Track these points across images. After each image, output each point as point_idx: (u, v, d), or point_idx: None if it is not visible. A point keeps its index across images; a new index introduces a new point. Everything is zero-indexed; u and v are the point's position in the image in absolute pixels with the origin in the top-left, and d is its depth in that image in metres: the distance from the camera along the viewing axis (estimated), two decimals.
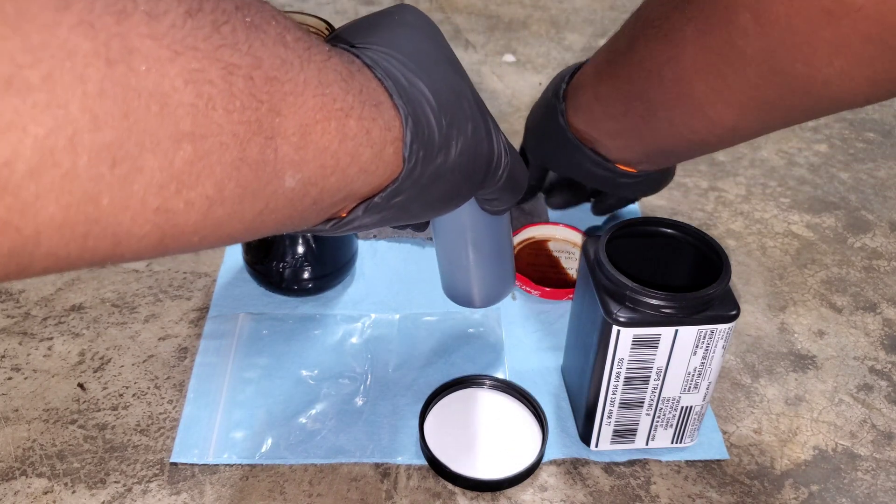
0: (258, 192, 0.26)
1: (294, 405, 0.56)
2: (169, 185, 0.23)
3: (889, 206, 0.78)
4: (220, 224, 0.26)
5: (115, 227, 0.23)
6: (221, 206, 0.25)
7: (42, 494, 0.50)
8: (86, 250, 0.23)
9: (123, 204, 0.22)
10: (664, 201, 0.77)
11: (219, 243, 0.28)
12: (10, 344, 0.59)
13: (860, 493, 0.52)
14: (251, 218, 0.27)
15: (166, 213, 0.24)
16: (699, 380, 0.50)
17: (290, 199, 0.28)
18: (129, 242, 0.24)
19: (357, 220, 0.34)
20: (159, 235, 0.24)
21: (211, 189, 0.24)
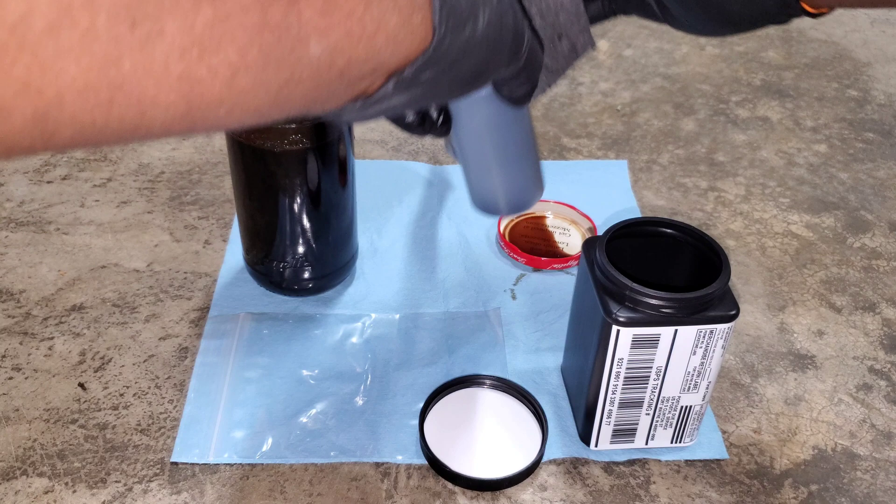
0: (283, 59, 0.26)
1: (294, 405, 0.56)
2: (191, 49, 0.23)
3: (888, 207, 0.78)
4: (245, 94, 0.26)
5: (139, 93, 0.23)
6: (245, 73, 0.25)
7: (43, 494, 0.50)
8: (111, 118, 0.23)
9: (146, 69, 0.22)
10: (664, 201, 0.77)
11: (245, 117, 0.27)
12: (10, 344, 0.60)
13: (859, 493, 0.52)
14: (277, 88, 0.27)
15: (190, 80, 0.24)
16: (699, 379, 0.50)
17: (317, 69, 0.27)
18: (154, 112, 0.24)
19: (386, 99, 0.32)
20: (185, 105, 0.24)
21: (234, 55, 0.24)
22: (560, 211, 0.73)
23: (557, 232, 0.71)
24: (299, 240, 0.60)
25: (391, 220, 0.73)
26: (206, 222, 0.72)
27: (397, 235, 0.71)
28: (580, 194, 0.76)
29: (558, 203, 0.73)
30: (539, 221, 0.73)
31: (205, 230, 0.71)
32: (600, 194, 0.76)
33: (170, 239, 0.70)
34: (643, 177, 0.80)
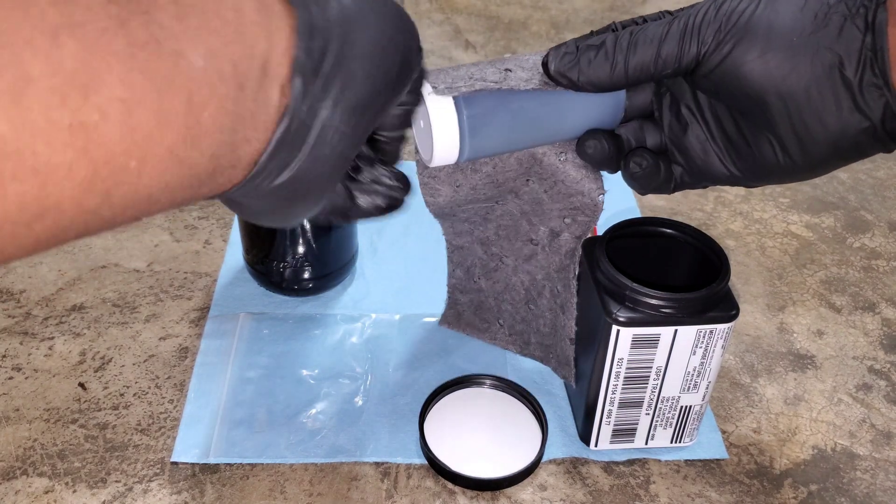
0: (170, 81, 0.23)
1: (294, 405, 0.56)
2: (69, 90, 0.21)
3: (888, 207, 0.78)
4: (149, 136, 0.23)
5: (31, 159, 0.20)
6: (139, 107, 0.23)
7: (43, 494, 0.50)
8: (8, 200, 0.21)
9: (27, 124, 0.20)
10: (664, 201, 0.77)
11: (165, 172, 0.24)
12: (11, 344, 0.60)
13: (859, 493, 0.52)
14: (182, 122, 0.24)
15: (83, 129, 0.21)
16: (698, 379, 0.50)
17: (210, 85, 0.25)
18: (56, 180, 0.21)
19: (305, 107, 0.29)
20: (89, 165, 0.22)
21: (118, 87, 0.22)
22: None
23: None
24: (299, 240, 0.60)
25: (391, 220, 0.73)
26: (207, 222, 0.72)
27: (397, 235, 0.71)
28: None
29: None
30: None
31: (205, 230, 0.71)
32: None
33: (170, 239, 0.70)
34: None
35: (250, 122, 0.27)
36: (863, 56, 0.36)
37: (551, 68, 0.40)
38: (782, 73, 0.37)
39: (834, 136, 0.37)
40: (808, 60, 0.36)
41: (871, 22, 0.36)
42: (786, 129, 0.38)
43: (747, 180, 0.42)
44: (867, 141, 0.37)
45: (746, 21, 0.37)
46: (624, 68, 0.39)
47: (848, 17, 0.36)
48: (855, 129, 0.37)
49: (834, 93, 0.37)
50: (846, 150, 0.38)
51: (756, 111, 0.38)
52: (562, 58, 0.40)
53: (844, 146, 0.38)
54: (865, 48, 0.36)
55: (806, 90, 0.37)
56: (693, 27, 0.38)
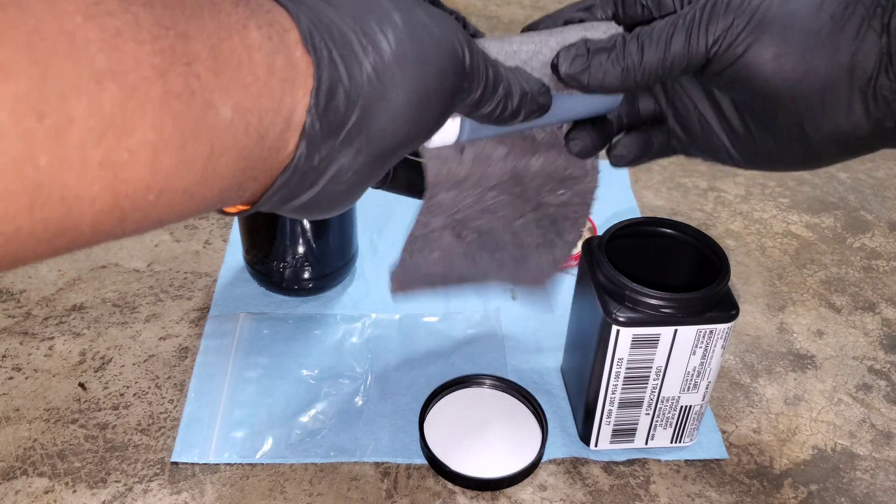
0: (198, 129, 0.25)
1: (294, 405, 0.56)
2: (106, 132, 0.22)
3: (888, 207, 0.78)
4: (170, 176, 0.25)
5: (61, 190, 0.22)
6: (166, 151, 0.24)
7: (43, 494, 0.50)
8: (35, 222, 0.22)
9: (64, 161, 0.22)
10: (663, 201, 0.77)
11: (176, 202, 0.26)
12: (11, 344, 0.60)
13: (859, 493, 0.52)
14: (202, 164, 0.26)
15: (112, 167, 0.23)
16: (698, 379, 0.50)
17: (234, 135, 0.27)
18: (80, 208, 0.23)
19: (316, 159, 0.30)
20: (111, 197, 0.23)
21: (150, 132, 0.23)
22: None
23: None
24: (299, 240, 0.60)
25: (391, 219, 0.73)
26: (207, 222, 0.72)
27: (397, 235, 0.71)
28: None
29: None
30: None
31: (205, 230, 0.71)
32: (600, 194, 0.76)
33: (170, 239, 0.70)
34: (643, 177, 0.80)
35: (261, 166, 0.29)
36: (879, 60, 0.35)
37: (562, 71, 0.40)
38: (797, 75, 0.36)
39: (843, 136, 0.37)
40: (823, 63, 0.36)
41: (886, 24, 0.35)
42: (794, 130, 0.38)
43: (744, 164, 0.42)
44: (875, 142, 0.37)
45: (761, 20, 0.37)
46: (634, 71, 0.39)
47: (865, 18, 0.36)
48: (865, 130, 0.37)
49: (847, 96, 0.36)
50: (853, 149, 0.38)
51: (765, 110, 0.38)
52: (573, 61, 0.39)
53: (853, 145, 0.38)
54: (882, 52, 0.35)
55: (820, 93, 0.36)
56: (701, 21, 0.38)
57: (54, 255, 0.25)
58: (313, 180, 0.31)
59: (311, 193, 0.31)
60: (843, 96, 0.36)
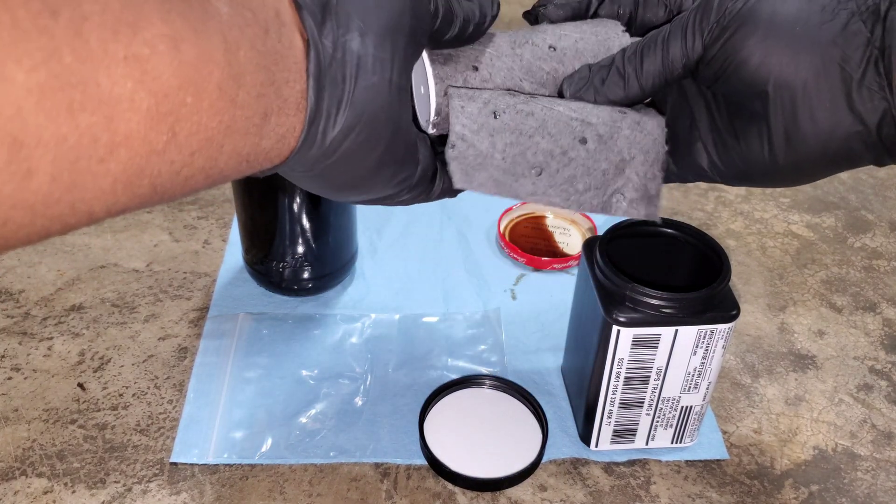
0: (205, 21, 0.26)
1: (294, 405, 0.56)
2: (120, 27, 0.23)
3: (889, 206, 0.78)
4: (197, 70, 0.26)
5: (96, 90, 0.23)
6: (184, 42, 0.25)
7: (42, 494, 0.50)
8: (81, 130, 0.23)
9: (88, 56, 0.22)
10: (664, 201, 0.77)
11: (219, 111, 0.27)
12: (9, 344, 0.59)
13: (860, 493, 0.52)
14: (223, 58, 0.26)
15: (137, 60, 0.24)
16: (699, 380, 0.50)
17: (240, 28, 0.27)
18: (121, 111, 0.23)
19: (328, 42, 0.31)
20: (148, 95, 0.24)
21: (161, 25, 0.24)
22: (560, 211, 0.73)
23: (557, 232, 0.71)
24: (299, 240, 0.60)
25: (391, 220, 0.73)
26: (206, 222, 0.72)
27: (397, 235, 0.71)
28: None
29: None
30: (539, 221, 0.73)
31: (204, 230, 0.71)
32: None
33: (169, 239, 0.70)
34: None
35: (282, 62, 0.29)
36: (868, 54, 0.35)
37: (567, 95, 0.40)
38: (781, 63, 0.36)
39: (824, 135, 0.36)
40: (809, 52, 0.36)
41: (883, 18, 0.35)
42: (777, 123, 0.37)
43: (728, 176, 0.41)
44: (858, 148, 0.36)
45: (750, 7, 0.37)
46: (637, 81, 0.39)
47: (856, 13, 0.35)
48: (846, 130, 0.36)
49: (831, 89, 0.36)
50: (834, 154, 0.37)
51: (750, 100, 0.38)
52: (576, 83, 0.40)
53: (833, 148, 0.37)
54: (872, 45, 0.35)
55: (804, 83, 0.36)
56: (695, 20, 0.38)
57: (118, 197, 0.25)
58: (343, 73, 0.31)
59: (350, 90, 0.31)
60: (825, 90, 0.36)
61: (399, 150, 0.35)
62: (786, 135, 0.37)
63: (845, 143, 0.36)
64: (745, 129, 0.39)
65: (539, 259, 0.67)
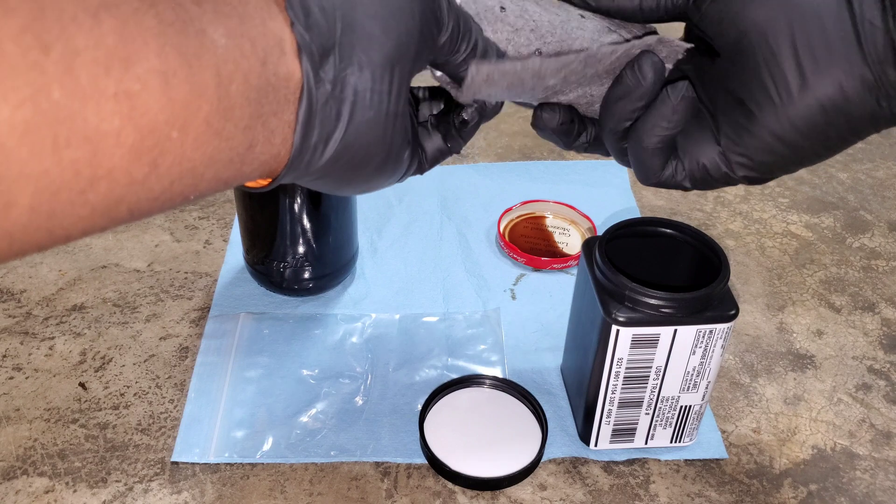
0: (200, 56, 0.26)
1: (295, 404, 0.56)
2: (112, 62, 0.23)
3: (888, 207, 0.78)
4: (186, 105, 0.25)
5: (82, 125, 0.22)
6: (175, 78, 0.25)
7: (43, 493, 0.50)
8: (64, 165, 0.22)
9: (78, 92, 0.22)
10: (663, 201, 0.77)
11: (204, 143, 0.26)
12: (11, 343, 0.60)
13: (859, 493, 0.52)
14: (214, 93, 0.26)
15: (127, 97, 0.23)
16: (698, 379, 0.50)
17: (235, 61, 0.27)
18: (107, 147, 0.23)
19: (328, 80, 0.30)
20: (135, 131, 0.24)
21: (155, 60, 0.24)
22: (560, 211, 0.73)
23: (557, 232, 0.72)
24: (299, 240, 0.60)
25: (391, 220, 0.73)
26: (207, 222, 0.72)
27: (397, 235, 0.71)
28: (580, 194, 0.76)
29: (558, 203, 0.73)
30: (539, 221, 0.73)
31: (205, 230, 0.71)
32: (600, 194, 0.76)
33: (170, 239, 0.70)
34: None
35: (274, 94, 0.29)
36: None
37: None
38: (792, 1, 0.35)
39: (836, 77, 0.35)
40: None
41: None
42: (790, 65, 0.36)
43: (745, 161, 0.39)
44: (866, 94, 0.35)
45: None
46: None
47: None
48: (859, 72, 0.35)
49: (840, 26, 0.35)
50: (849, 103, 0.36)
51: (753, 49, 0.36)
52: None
53: (848, 94, 0.35)
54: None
55: (814, 19, 0.35)
56: None
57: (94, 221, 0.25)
58: (337, 110, 0.31)
59: (343, 127, 0.31)
60: (835, 26, 0.35)
61: (389, 166, 0.35)
62: (799, 79, 0.36)
63: (859, 88, 0.35)
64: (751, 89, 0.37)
65: (539, 259, 0.67)
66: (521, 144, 0.83)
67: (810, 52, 0.36)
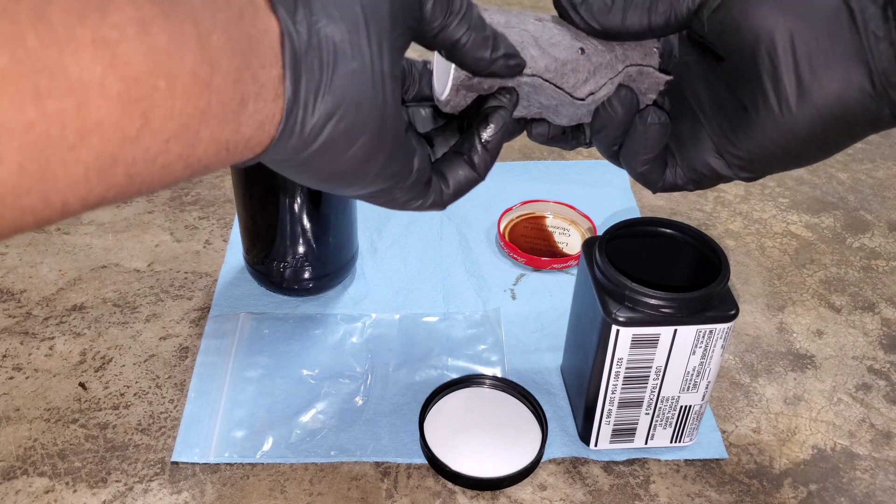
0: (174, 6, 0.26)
1: (295, 404, 0.56)
2: (87, 11, 0.23)
3: (887, 207, 0.78)
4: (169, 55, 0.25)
5: (63, 74, 0.22)
6: (153, 26, 0.25)
7: (43, 493, 0.50)
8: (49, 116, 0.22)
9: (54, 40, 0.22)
10: (663, 201, 0.77)
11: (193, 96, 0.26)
12: (11, 343, 0.60)
13: (859, 493, 0.52)
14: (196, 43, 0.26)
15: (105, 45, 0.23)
16: (698, 379, 0.50)
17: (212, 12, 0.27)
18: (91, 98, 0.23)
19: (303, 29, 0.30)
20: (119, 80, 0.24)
21: (129, 8, 0.24)
22: (560, 211, 0.73)
23: (557, 232, 0.72)
24: (299, 240, 0.60)
25: (391, 220, 0.73)
26: (207, 222, 0.72)
27: (397, 235, 0.71)
28: (580, 194, 0.76)
29: (558, 203, 0.73)
30: (539, 221, 0.73)
31: (205, 230, 0.71)
32: (600, 194, 0.76)
33: (170, 239, 0.70)
34: None
35: (257, 48, 0.29)
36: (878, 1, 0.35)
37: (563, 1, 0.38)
38: (794, 9, 0.36)
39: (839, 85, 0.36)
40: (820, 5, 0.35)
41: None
42: (789, 75, 0.36)
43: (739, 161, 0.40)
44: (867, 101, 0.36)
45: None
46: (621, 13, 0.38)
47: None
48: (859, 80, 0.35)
49: (842, 37, 0.35)
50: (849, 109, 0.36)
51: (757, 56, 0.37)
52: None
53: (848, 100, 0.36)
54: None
55: (815, 30, 0.35)
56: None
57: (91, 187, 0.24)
58: (320, 59, 0.30)
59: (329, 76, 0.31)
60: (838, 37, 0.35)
61: (387, 139, 0.34)
62: (799, 88, 0.36)
63: (860, 94, 0.36)
64: (752, 95, 0.38)
65: (539, 259, 0.67)
66: (521, 144, 0.83)
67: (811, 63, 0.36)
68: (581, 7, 0.39)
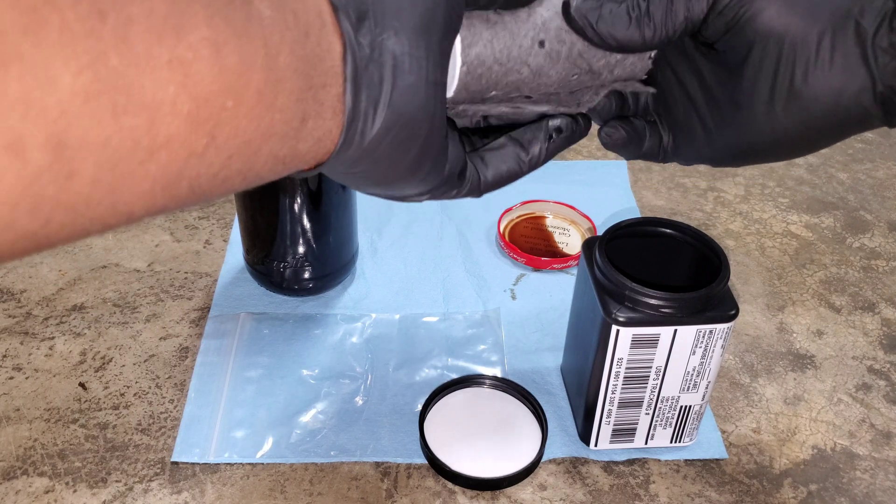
0: (248, 26, 0.26)
1: (295, 404, 0.56)
2: (164, 31, 0.23)
3: (887, 207, 0.78)
4: (237, 74, 0.26)
5: (139, 93, 0.23)
6: (225, 47, 0.25)
7: (43, 493, 0.50)
8: (123, 131, 0.23)
9: (133, 60, 0.22)
10: (663, 201, 0.77)
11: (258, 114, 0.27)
12: (11, 343, 0.60)
13: (859, 493, 0.52)
14: (263, 63, 0.27)
15: (180, 64, 0.24)
16: (698, 379, 0.50)
17: (281, 32, 0.28)
18: (163, 115, 0.24)
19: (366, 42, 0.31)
20: (190, 99, 0.24)
21: (205, 29, 0.25)
22: (560, 211, 0.73)
23: (557, 232, 0.72)
24: (299, 240, 0.60)
25: (391, 220, 0.73)
26: (207, 222, 0.72)
27: (397, 235, 0.71)
28: (580, 194, 0.76)
29: (558, 203, 0.73)
30: (539, 221, 0.73)
31: (205, 230, 0.71)
32: (600, 194, 0.76)
33: (170, 239, 0.70)
34: (643, 177, 0.80)
35: (320, 66, 0.29)
36: (884, 9, 0.35)
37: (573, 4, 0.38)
38: (798, 14, 0.36)
39: (835, 90, 0.36)
40: (826, 5, 0.36)
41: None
42: (785, 79, 0.37)
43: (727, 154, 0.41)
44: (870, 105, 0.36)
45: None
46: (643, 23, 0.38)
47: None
48: (859, 86, 0.36)
49: (845, 43, 0.36)
50: (845, 112, 0.37)
51: (757, 57, 0.37)
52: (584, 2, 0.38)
53: (844, 105, 0.36)
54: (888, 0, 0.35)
55: (819, 35, 0.36)
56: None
57: (156, 198, 0.25)
58: (380, 74, 0.31)
59: (388, 91, 0.31)
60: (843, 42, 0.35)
61: (434, 147, 0.35)
62: (792, 92, 0.37)
63: (856, 99, 0.36)
64: (747, 93, 0.38)
65: (539, 259, 0.67)
66: None
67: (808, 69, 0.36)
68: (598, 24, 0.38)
